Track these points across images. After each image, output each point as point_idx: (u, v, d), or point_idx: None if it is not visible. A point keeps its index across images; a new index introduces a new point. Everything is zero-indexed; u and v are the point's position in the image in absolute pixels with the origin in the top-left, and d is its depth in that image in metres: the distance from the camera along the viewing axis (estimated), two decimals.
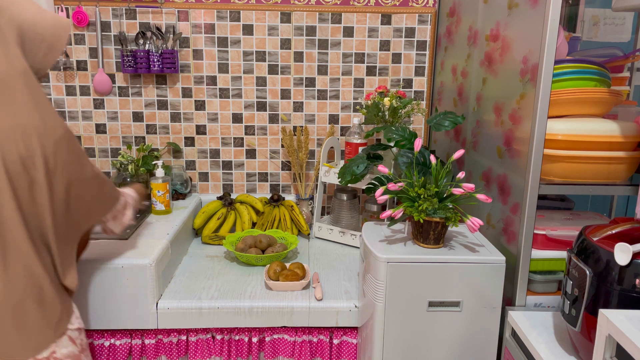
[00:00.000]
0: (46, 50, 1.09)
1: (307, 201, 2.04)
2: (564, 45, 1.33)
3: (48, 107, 1.05)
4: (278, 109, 2.05)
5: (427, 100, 2.07)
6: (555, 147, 1.21)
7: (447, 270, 1.22)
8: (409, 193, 1.26)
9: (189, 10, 1.95)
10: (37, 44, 1.06)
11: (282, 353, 1.47)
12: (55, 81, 2.00)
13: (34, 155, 0.99)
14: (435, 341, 1.26)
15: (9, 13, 1.01)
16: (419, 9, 1.98)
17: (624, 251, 0.93)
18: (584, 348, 1.04)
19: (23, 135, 0.98)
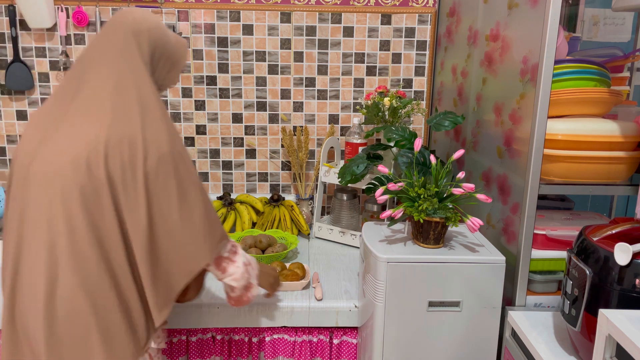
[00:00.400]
0: (170, 67, 1.15)
1: (307, 201, 2.04)
2: (564, 45, 1.33)
3: (160, 123, 1.03)
4: (278, 109, 2.05)
5: (427, 100, 2.07)
6: (555, 147, 1.21)
7: (447, 270, 1.22)
8: (409, 193, 1.26)
9: (189, 10, 1.95)
10: (163, 62, 1.12)
11: (282, 353, 1.47)
12: (55, 81, 1.99)
13: (135, 165, 0.99)
14: (435, 341, 1.26)
15: (146, 31, 1.08)
16: (419, 9, 1.98)
17: (624, 251, 0.94)
18: (584, 348, 1.04)
19: (130, 144, 0.99)
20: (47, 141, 1.02)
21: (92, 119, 1.00)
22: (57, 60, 1.98)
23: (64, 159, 0.98)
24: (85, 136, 0.99)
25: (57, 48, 1.97)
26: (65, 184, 0.98)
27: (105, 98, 1.01)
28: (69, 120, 1.01)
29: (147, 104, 1.04)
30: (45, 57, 1.97)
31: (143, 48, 1.07)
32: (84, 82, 1.04)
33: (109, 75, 1.03)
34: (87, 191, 0.98)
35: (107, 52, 1.05)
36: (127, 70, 1.04)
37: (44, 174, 1.00)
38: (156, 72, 1.11)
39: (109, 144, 0.98)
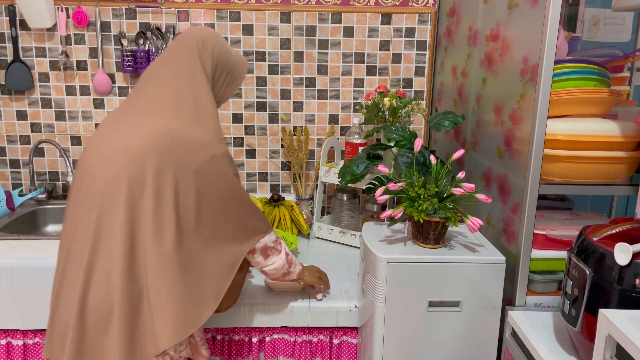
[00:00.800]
0: (230, 81, 1.24)
1: (307, 201, 2.04)
2: (564, 45, 1.33)
3: (213, 128, 1.12)
4: (278, 109, 2.05)
5: (427, 100, 2.07)
6: (555, 147, 1.21)
7: (447, 270, 1.22)
8: (409, 193, 1.26)
9: (189, 10, 1.95)
10: (224, 76, 1.22)
11: (282, 353, 1.47)
12: (55, 81, 2.00)
13: (187, 161, 1.05)
14: (435, 341, 1.26)
15: (210, 45, 1.18)
16: (419, 9, 1.98)
17: (624, 251, 0.94)
18: (584, 348, 1.04)
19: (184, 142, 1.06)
20: (107, 137, 1.10)
21: (150, 118, 1.08)
22: (57, 60, 1.98)
23: (118, 151, 1.05)
24: (141, 131, 1.06)
25: (57, 48, 1.97)
26: (115, 175, 1.03)
27: (165, 102, 1.10)
28: (128, 120, 1.10)
29: (203, 111, 1.12)
30: (45, 57, 1.97)
31: (206, 63, 1.17)
32: (147, 89, 1.13)
33: (170, 83, 1.12)
34: (132, 183, 1.03)
35: (171, 64, 1.15)
36: (188, 80, 1.13)
37: (97, 166, 1.06)
38: (217, 86, 1.21)
39: (163, 139, 1.04)
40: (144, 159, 1.03)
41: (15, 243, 1.58)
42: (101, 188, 1.04)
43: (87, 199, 1.06)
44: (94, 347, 1.04)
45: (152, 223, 1.03)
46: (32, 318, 1.48)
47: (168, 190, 1.04)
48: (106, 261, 1.03)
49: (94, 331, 1.03)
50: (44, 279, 1.46)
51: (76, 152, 2.07)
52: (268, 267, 1.25)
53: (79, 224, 1.06)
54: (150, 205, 1.03)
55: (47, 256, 1.49)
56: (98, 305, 1.03)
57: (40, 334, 1.50)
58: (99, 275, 1.03)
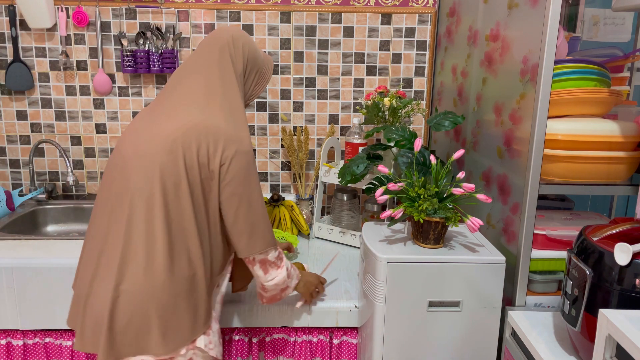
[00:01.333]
0: (258, 80, 1.27)
1: (307, 201, 2.04)
2: (564, 45, 1.33)
3: (242, 126, 1.15)
4: (278, 109, 2.05)
5: (427, 100, 2.07)
6: (555, 147, 1.21)
7: (447, 270, 1.22)
8: (409, 193, 1.26)
9: (189, 10, 1.95)
10: (253, 75, 1.25)
11: (282, 353, 1.47)
12: (55, 81, 2.00)
13: (215, 152, 1.08)
14: (435, 341, 1.26)
15: (241, 44, 1.21)
16: (419, 9, 1.98)
17: (624, 251, 0.93)
18: (584, 348, 1.04)
19: (213, 135, 1.09)
20: (140, 131, 1.13)
21: (181, 113, 1.11)
22: (57, 60, 1.98)
23: (150, 143, 1.08)
24: (172, 126, 1.09)
25: (57, 48, 1.97)
26: (148, 167, 1.07)
27: (194, 98, 1.13)
28: (161, 116, 1.13)
29: (232, 108, 1.15)
30: (45, 57, 1.97)
31: (237, 61, 1.20)
32: (179, 86, 1.16)
33: (201, 82, 1.15)
34: (165, 174, 1.06)
35: (203, 63, 1.18)
36: (218, 78, 1.16)
37: (131, 157, 1.10)
38: (246, 84, 1.24)
39: (193, 135, 1.07)
40: (175, 151, 1.06)
41: (15, 243, 1.58)
42: (134, 181, 1.07)
43: (121, 190, 1.09)
44: (131, 340, 1.06)
45: (190, 212, 1.07)
46: (32, 318, 1.48)
47: (201, 182, 1.08)
48: (143, 253, 1.05)
49: (130, 323, 1.05)
50: (44, 279, 1.46)
51: (76, 152, 2.07)
52: (268, 282, 1.23)
53: (113, 215, 1.09)
54: (186, 197, 1.07)
55: (47, 256, 1.49)
56: (135, 297, 1.05)
57: (40, 334, 1.50)
58: (135, 267, 1.05)
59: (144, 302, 1.05)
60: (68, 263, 1.46)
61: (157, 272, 1.05)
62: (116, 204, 1.09)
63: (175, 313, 1.08)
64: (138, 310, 1.05)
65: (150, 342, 1.06)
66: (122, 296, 1.05)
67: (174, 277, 1.06)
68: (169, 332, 1.07)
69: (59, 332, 1.51)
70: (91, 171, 2.09)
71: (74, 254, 1.50)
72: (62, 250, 1.53)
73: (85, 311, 1.10)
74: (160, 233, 1.05)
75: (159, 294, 1.05)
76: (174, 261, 1.06)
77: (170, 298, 1.06)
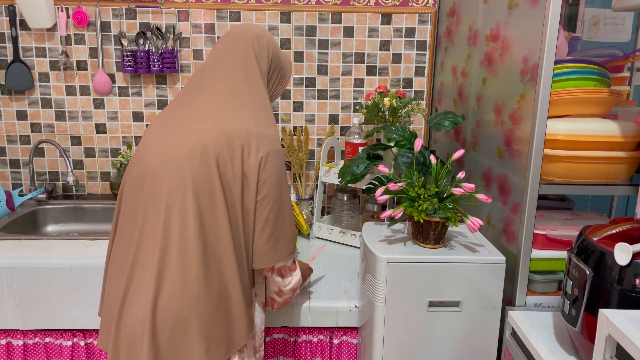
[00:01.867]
0: (280, 79, 1.25)
1: (307, 201, 2.04)
2: (564, 45, 1.33)
3: (271, 125, 1.11)
4: (278, 109, 2.05)
5: (427, 100, 2.07)
6: (555, 147, 1.21)
7: (447, 270, 1.22)
8: (409, 193, 1.26)
9: (189, 10, 1.95)
10: (276, 74, 1.22)
11: (282, 353, 1.47)
12: (55, 81, 2.00)
13: (249, 154, 1.04)
14: (435, 341, 1.26)
15: (265, 43, 1.18)
16: (419, 9, 1.98)
17: (624, 251, 0.93)
18: (584, 348, 1.04)
19: (246, 136, 1.05)
20: (165, 137, 1.07)
21: (208, 117, 1.06)
22: (57, 60, 1.98)
23: (179, 151, 1.03)
24: (201, 130, 1.04)
25: (57, 48, 1.97)
26: (180, 174, 1.01)
27: (221, 100, 1.09)
28: (186, 119, 1.07)
29: (261, 109, 1.12)
30: (45, 57, 1.97)
31: (262, 60, 1.17)
32: (202, 87, 1.12)
33: (226, 82, 1.11)
34: (198, 180, 1.01)
35: (226, 62, 1.14)
36: (243, 78, 1.12)
37: (159, 165, 1.03)
38: (269, 83, 1.21)
39: (224, 136, 1.03)
40: (207, 157, 1.02)
41: (15, 243, 1.58)
42: (166, 189, 1.01)
43: (151, 202, 1.02)
44: (172, 354, 1.00)
45: (225, 219, 1.02)
46: (32, 318, 1.48)
47: (237, 186, 1.04)
48: (179, 264, 1.00)
49: (171, 339, 1.00)
50: (44, 279, 1.46)
51: (76, 152, 2.07)
52: (286, 287, 1.18)
53: (145, 228, 1.02)
54: (221, 203, 1.02)
55: (47, 256, 1.49)
56: (174, 311, 0.99)
57: (40, 334, 1.50)
58: (173, 279, 0.99)
59: (184, 316, 0.99)
60: (68, 263, 1.46)
61: (192, 284, 1.00)
62: (148, 215, 1.02)
63: (213, 327, 1.02)
64: (178, 326, 1.00)
65: (193, 356, 1.01)
66: (161, 312, 0.99)
67: (208, 289, 1.01)
68: (211, 347, 1.02)
69: (59, 332, 1.51)
70: (91, 171, 2.09)
71: (74, 254, 1.50)
72: (62, 250, 1.53)
73: (119, 330, 1.02)
74: (194, 243, 1.00)
75: (195, 306, 1.00)
76: (208, 272, 1.01)
77: (206, 311, 1.01)
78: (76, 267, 1.46)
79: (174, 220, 1.00)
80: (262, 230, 1.07)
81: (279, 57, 1.22)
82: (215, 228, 1.02)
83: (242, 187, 1.04)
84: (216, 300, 1.02)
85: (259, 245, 1.08)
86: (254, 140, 1.04)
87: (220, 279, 1.02)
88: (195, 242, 1.00)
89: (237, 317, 1.05)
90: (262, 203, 1.06)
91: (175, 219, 1.00)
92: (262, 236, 1.07)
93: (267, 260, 1.09)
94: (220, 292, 1.03)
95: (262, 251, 1.08)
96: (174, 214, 1.00)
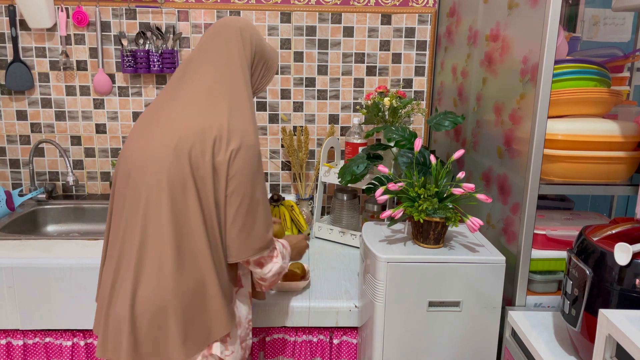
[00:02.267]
0: (265, 72, 1.24)
1: (307, 201, 2.04)
2: (564, 45, 1.33)
3: (247, 119, 1.11)
4: (278, 109, 2.05)
5: (427, 100, 2.07)
6: (555, 147, 1.21)
7: (447, 270, 1.22)
8: (409, 193, 1.26)
9: (189, 10, 1.95)
10: (260, 66, 1.21)
11: (282, 353, 1.47)
12: (55, 81, 2.00)
13: (220, 148, 1.05)
14: (435, 341, 1.26)
15: (249, 35, 1.18)
16: (419, 9, 1.98)
17: (624, 251, 0.93)
18: (584, 348, 1.04)
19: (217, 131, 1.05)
20: (146, 135, 1.10)
21: (184, 113, 1.08)
22: (57, 60, 1.98)
23: (156, 148, 1.06)
24: (176, 127, 1.06)
25: (57, 48, 1.97)
26: (156, 171, 1.05)
27: (200, 94, 1.10)
28: (166, 116, 1.10)
29: (238, 101, 1.11)
30: (45, 57, 1.97)
31: (246, 52, 1.16)
32: (183, 82, 1.13)
33: (206, 74, 1.12)
34: (173, 176, 1.04)
35: (208, 55, 1.14)
36: (224, 71, 1.12)
37: (141, 162, 1.07)
38: (253, 76, 1.20)
39: (197, 131, 1.05)
40: (180, 153, 1.04)
41: (15, 243, 1.58)
42: (145, 186, 1.05)
43: (134, 197, 1.07)
44: (151, 346, 1.05)
45: (199, 214, 1.04)
46: (32, 318, 1.48)
47: (208, 180, 1.05)
48: (155, 257, 1.04)
49: (149, 329, 1.04)
50: (44, 279, 1.46)
51: (76, 152, 2.07)
52: (267, 274, 1.18)
53: (129, 222, 1.07)
54: (194, 198, 1.04)
55: (47, 256, 1.49)
56: (150, 302, 1.04)
57: (40, 334, 1.50)
58: (149, 272, 1.04)
59: (161, 308, 1.04)
60: (68, 263, 1.46)
61: (167, 277, 1.03)
62: (131, 211, 1.07)
63: (191, 318, 1.06)
64: (156, 317, 1.04)
65: (170, 350, 1.05)
66: (139, 302, 1.04)
67: (183, 282, 1.04)
68: (188, 337, 1.05)
69: (59, 332, 1.51)
70: (91, 171, 2.09)
71: (74, 254, 1.50)
72: (62, 250, 1.53)
73: (108, 317, 1.08)
74: (167, 237, 1.03)
75: (171, 299, 1.04)
76: (182, 265, 1.04)
77: (182, 303, 1.04)
78: (76, 267, 1.46)
79: (151, 216, 1.04)
80: (233, 225, 1.08)
81: (263, 49, 1.21)
82: (188, 223, 1.05)
83: (213, 182, 1.05)
84: (192, 293, 1.05)
85: (231, 240, 1.09)
86: (225, 134, 1.05)
87: (197, 272, 1.06)
88: (169, 237, 1.03)
89: (216, 310, 1.08)
90: (231, 197, 1.06)
91: (152, 215, 1.04)
92: (232, 230, 1.08)
93: (240, 254, 1.10)
94: (197, 285, 1.06)
95: (234, 245, 1.09)
96: (151, 210, 1.04)
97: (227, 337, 1.12)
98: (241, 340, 1.19)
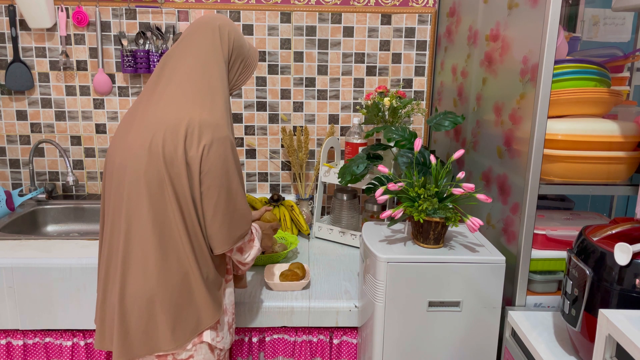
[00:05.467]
0: (243, 69, 1.25)
1: (307, 201, 2.04)
2: (564, 45, 1.33)
3: (221, 112, 1.12)
4: (278, 109, 2.05)
5: (427, 100, 2.07)
6: (555, 147, 1.21)
7: (447, 270, 1.22)
8: (409, 193, 1.26)
9: (189, 10, 1.95)
10: (237, 63, 1.23)
11: (282, 353, 1.47)
12: (55, 81, 2.00)
13: (192, 143, 1.06)
14: (435, 341, 1.26)
15: (227, 31, 1.19)
16: (419, 9, 1.98)
17: (624, 251, 0.93)
18: (584, 348, 1.04)
19: (188, 126, 1.07)
20: (124, 136, 1.13)
21: (158, 110, 1.10)
22: (57, 60, 1.98)
23: (133, 149, 1.09)
24: (150, 125, 1.09)
25: (57, 48, 1.97)
26: (135, 170, 1.08)
27: (175, 90, 1.12)
28: (141, 115, 1.12)
29: (211, 95, 1.13)
30: (45, 57, 1.97)
31: (223, 48, 1.18)
32: (160, 79, 1.15)
33: (181, 70, 1.14)
34: (149, 174, 1.07)
35: (185, 50, 1.16)
36: (200, 67, 1.14)
37: (121, 160, 1.11)
38: (231, 72, 1.22)
39: (169, 128, 1.07)
40: (154, 151, 1.06)
41: (15, 243, 1.58)
42: (126, 185, 1.09)
43: (117, 198, 1.11)
44: (141, 336, 1.09)
45: (176, 210, 1.08)
46: (32, 318, 1.48)
47: (183, 176, 1.07)
48: (140, 255, 1.08)
49: (139, 320, 1.09)
50: (44, 279, 1.46)
51: (76, 152, 2.07)
52: (246, 259, 1.23)
53: (114, 222, 1.12)
54: (171, 195, 1.07)
55: (47, 256, 1.49)
56: (138, 295, 1.08)
57: (40, 334, 1.50)
58: (135, 270, 1.09)
59: (148, 300, 1.08)
60: (68, 263, 1.46)
61: (152, 272, 1.08)
62: (117, 210, 1.12)
63: (178, 309, 1.10)
64: (144, 311, 1.09)
65: (159, 340, 1.10)
66: (127, 298, 1.09)
67: (168, 276, 1.09)
68: (177, 327, 1.10)
69: (59, 332, 1.51)
70: (91, 171, 2.09)
71: (74, 254, 1.50)
72: (62, 250, 1.53)
73: (104, 312, 1.15)
74: (150, 236, 1.07)
75: (157, 292, 1.08)
76: (166, 261, 1.08)
77: (168, 296, 1.09)
78: (76, 267, 1.46)
79: (133, 216, 1.08)
80: (213, 219, 1.10)
81: (241, 46, 1.23)
82: (168, 219, 1.08)
83: (187, 178, 1.07)
84: (178, 286, 1.10)
85: (213, 233, 1.11)
86: (196, 129, 1.07)
87: (180, 266, 1.09)
88: (150, 234, 1.07)
89: (202, 301, 1.12)
90: (207, 193, 1.09)
91: (134, 215, 1.08)
92: (214, 224, 1.10)
93: (223, 245, 1.13)
94: (182, 279, 1.10)
95: (217, 238, 1.12)
96: (132, 211, 1.08)
97: (217, 324, 1.17)
98: (229, 325, 1.23)
